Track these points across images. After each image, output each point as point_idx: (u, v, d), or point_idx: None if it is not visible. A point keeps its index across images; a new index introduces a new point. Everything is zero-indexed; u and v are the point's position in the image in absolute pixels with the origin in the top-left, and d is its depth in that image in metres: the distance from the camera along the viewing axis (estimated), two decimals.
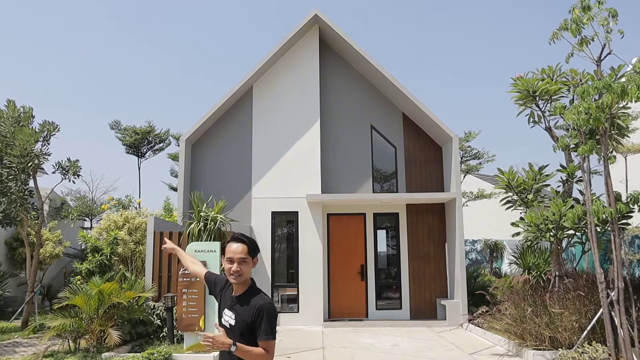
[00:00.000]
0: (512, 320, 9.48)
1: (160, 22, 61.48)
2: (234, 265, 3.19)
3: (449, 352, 9.76)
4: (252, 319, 3.12)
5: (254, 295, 3.24)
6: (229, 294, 3.33)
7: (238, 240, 3.28)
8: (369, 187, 14.38)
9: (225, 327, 3.20)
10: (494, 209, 19.22)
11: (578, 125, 8.51)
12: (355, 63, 14.78)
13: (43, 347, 9.34)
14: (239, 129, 14.46)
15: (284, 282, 13.66)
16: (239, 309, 3.19)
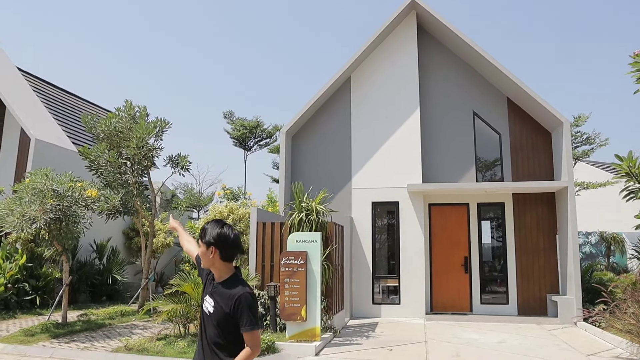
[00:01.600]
0: (636, 321, 8.69)
1: (264, 18, 63.04)
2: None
3: (563, 352, 9.14)
4: (230, 309, 3.04)
5: (234, 285, 3.13)
6: (211, 280, 3.27)
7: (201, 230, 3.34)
8: (472, 176, 13.81)
9: (205, 314, 3.17)
10: (609, 198, 17.84)
11: None
12: (456, 48, 14.21)
13: (156, 330, 9.89)
14: (338, 119, 14.44)
15: (384, 273, 13.50)
16: (218, 297, 3.12)
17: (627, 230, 16.67)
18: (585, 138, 21.44)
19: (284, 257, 9.54)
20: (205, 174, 43.94)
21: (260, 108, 59.74)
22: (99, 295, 15.49)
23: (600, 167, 24.16)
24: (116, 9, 57.77)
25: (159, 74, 61.43)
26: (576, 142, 21.46)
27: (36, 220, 9.73)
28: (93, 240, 16.10)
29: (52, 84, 20.03)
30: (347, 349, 9.25)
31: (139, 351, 8.55)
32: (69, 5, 56.50)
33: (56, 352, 8.79)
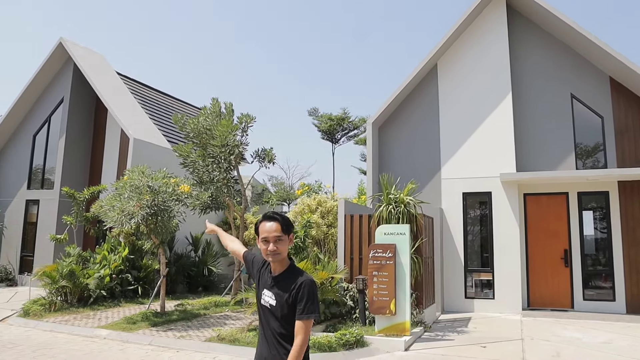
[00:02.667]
0: None
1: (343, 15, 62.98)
2: (269, 245, 3.07)
3: None
4: (293, 297, 3.01)
5: (294, 274, 3.11)
6: (267, 274, 3.18)
7: (270, 218, 3.14)
8: (571, 163, 12.92)
9: (265, 308, 3.11)
10: None
11: None
12: (549, 26, 13.32)
13: (247, 321, 10.11)
14: (425, 108, 14.04)
15: (477, 266, 12.99)
16: (280, 289, 3.07)
17: None
18: None
19: (372, 249, 9.39)
20: (295, 168, 44.75)
21: (348, 101, 59.81)
22: (195, 286, 16.14)
23: None
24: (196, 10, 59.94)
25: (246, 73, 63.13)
26: None
27: (134, 215, 10.24)
28: (189, 234, 16.79)
29: (148, 86, 21.09)
30: (438, 345, 8.96)
31: (230, 341, 8.76)
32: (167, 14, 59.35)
33: (155, 339, 9.22)
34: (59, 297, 12.20)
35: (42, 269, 12.40)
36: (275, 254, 3.08)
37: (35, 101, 18.64)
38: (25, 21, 63.93)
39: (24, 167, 18.40)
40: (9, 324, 10.89)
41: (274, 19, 65.41)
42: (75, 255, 13.01)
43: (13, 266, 17.56)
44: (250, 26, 64.76)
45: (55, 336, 9.67)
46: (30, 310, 11.43)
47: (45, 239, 15.93)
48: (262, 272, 3.24)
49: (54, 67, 18.19)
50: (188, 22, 62.97)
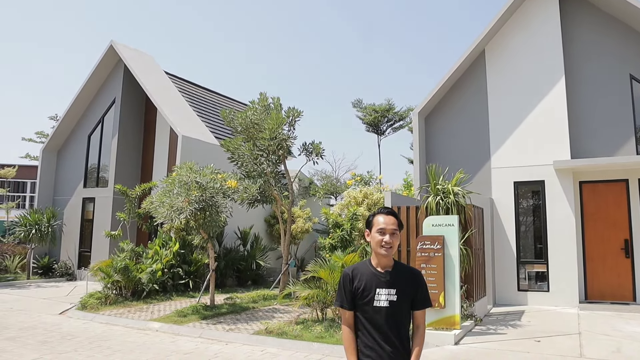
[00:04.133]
0: None
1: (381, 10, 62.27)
2: (386, 236, 3.09)
3: None
4: (414, 288, 3.14)
5: (404, 267, 3.24)
6: (370, 275, 3.13)
7: (388, 212, 3.19)
8: (632, 148, 12.25)
9: (380, 308, 3.06)
10: None
11: None
12: (604, 3, 12.64)
13: (295, 314, 10.11)
14: (473, 96, 13.64)
15: (531, 257, 12.53)
16: (398, 283, 3.11)
17: None
18: None
19: (420, 241, 9.19)
20: (341, 161, 44.70)
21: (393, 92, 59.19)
22: (244, 279, 16.33)
23: None
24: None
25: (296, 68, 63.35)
26: None
27: (183, 211, 10.41)
28: (237, 228, 17.00)
29: (195, 83, 21.45)
30: (489, 339, 8.69)
31: (278, 334, 8.78)
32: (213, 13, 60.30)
33: (204, 332, 9.35)
34: (114, 291, 12.57)
35: (97, 264, 12.82)
36: (390, 246, 3.10)
37: (89, 103, 19.31)
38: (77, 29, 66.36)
39: (80, 167, 19.11)
40: (69, 316, 11.31)
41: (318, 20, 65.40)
42: (129, 250, 13.37)
43: (72, 261, 18.28)
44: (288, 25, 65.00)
45: (110, 328, 9.97)
46: (87, 303, 11.83)
47: (101, 235, 16.48)
48: (361, 279, 3.14)
49: (106, 69, 18.78)
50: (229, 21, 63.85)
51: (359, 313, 3.12)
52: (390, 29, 66.20)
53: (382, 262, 3.14)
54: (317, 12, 66.89)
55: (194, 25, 66.42)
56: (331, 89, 61.90)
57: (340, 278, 3.22)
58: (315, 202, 19.22)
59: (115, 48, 17.99)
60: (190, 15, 65.15)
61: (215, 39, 65.40)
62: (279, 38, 66.15)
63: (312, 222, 18.45)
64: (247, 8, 66.15)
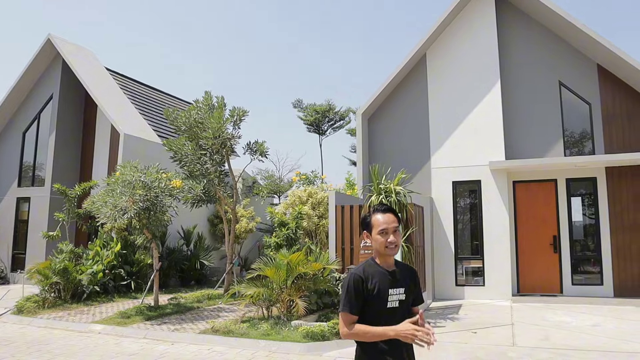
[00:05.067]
0: None
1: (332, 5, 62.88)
2: (389, 236, 2.97)
3: None
4: (414, 285, 3.11)
5: (403, 264, 3.18)
6: (380, 276, 2.97)
7: (386, 210, 3.06)
8: (560, 150, 13.05)
9: (392, 309, 2.94)
10: None
11: None
12: (537, 14, 13.41)
13: (241, 313, 10.19)
14: (414, 98, 14.12)
15: (468, 254, 13.13)
16: (403, 281, 3.04)
17: None
18: None
19: (363, 239, 9.47)
20: (285, 160, 44.87)
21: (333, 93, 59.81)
22: (187, 279, 16.20)
23: None
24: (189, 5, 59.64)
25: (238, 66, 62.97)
26: None
27: (127, 211, 10.27)
28: (180, 228, 16.83)
29: (137, 81, 21.02)
30: None
31: (224, 333, 8.84)
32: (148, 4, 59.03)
33: (149, 333, 9.28)
34: (52, 294, 12.22)
35: (34, 267, 12.39)
36: (394, 245, 2.98)
37: (25, 98, 18.56)
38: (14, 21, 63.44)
39: (14, 165, 18.35)
40: (3, 321, 10.90)
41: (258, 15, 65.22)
42: (68, 251, 13.01)
43: (5, 264, 17.54)
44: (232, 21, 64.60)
45: (50, 332, 9.71)
46: (23, 307, 11.44)
47: (37, 236, 15.92)
48: (371, 282, 2.95)
49: (43, 63, 18.11)
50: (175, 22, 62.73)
51: (370, 319, 2.90)
52: (334, 29, 66.87)
53: (387, 261, 3.03)
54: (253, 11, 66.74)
55: (133, 23, 64.84)
56: (274, 89, 61.90)
57: (349, 281, 2.95)
58: (258, 201, 19.32)
59: (53, 42, 17.38)
60: (130, 13, 63.56)
61: (154, 38, 64.12)
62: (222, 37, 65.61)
63: (255, 221, 18.51)
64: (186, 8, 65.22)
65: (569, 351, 7.60)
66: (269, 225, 17.69)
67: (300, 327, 8.61)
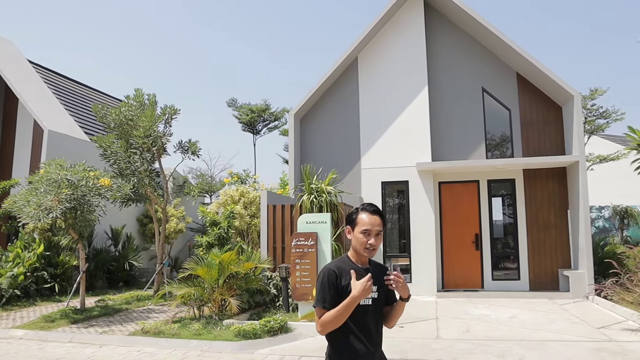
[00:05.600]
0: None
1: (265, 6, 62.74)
2: (371, 238, 2.95)
3: (574, 326, 9.18)
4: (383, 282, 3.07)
5: (376, 262, 3.17)
6: (356, 274, 2.93)
7: (374, 211, 3.01)
8: (482, 153, 13.77)
9: (364, 306, 2.95)
10: (624, 172, 17.66)
11: None
12: (463, 24, 14.08)
13: (172, 313, 10.11)
14: (346, 100, 14.44)
15: (396, 252, 13.60)
16: (376, 280, 2.99)
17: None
18: (602, 112, 21.16)
19: (295, 238, 9.65)
20: (217, 159, 44.33)
21: (269, 92, 59.78)
22: (115, 281, 15.79)
23: (614, 141, 23.87)
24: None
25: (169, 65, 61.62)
26: (592, 115, 21.22)
27: (52, 210, 9.92)
28: (109, 227, 16.38)
29: (63, 75, 20.23)
30: None
31: (155, 334, 8.76)
32: None
33: (75, 336, 9.03)
34: None
35: None
36: (373, 248, 2.97)
37: None
38: None
39: None
40: None
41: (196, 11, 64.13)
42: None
43: None
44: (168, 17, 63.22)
45: None
46: None
47: None
48: (347, 275, 2.94)
49: None
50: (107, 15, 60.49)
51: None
52: (268, 30, 66.71)
53: (361, 259, 3.03)
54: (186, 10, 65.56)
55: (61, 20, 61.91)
56: (209, 88, 61.05)
57: (324, 276, 2.95)
58: (189, 201, 19.10)
59: None
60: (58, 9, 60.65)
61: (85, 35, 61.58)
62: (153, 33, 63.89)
63: (186, 221, 18.29)
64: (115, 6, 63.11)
65: (488, 341, 8.11)
66: (201, 224, 17.52)
67: (232, 326, 8.67)
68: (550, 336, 8.44)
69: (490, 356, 7.29)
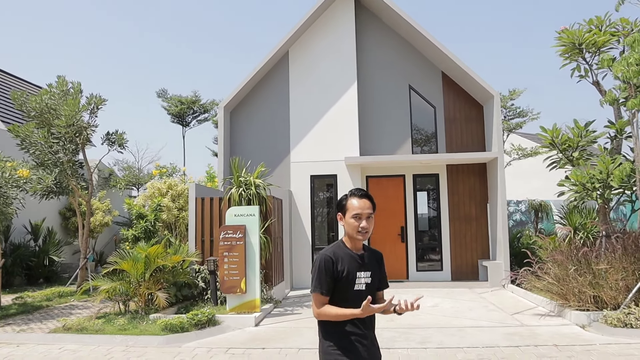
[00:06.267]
0: (554, 280, 9.34)
1: None
2: (362, 222, 3.04)
3: (490, 313, 9.74)
4: (380, 269, 3.22)
5: (370, 249, 3.28)
6: (349, 259, 3.07)
7: (362, 195, 3.10)
8: (408, 148, 14.23)
9: (359, 291, 3.04)
10: (539, 168, 18.75)
11: (628, 77, 8.15)
12: (392, 22, 14.45)
13: (96, 309, 9.85)
14: (276, 94, 14.47)
15: (324, 244, 13.81)
16: (372, 265, 3.15)
17: (554, 197, 17.65)
18: (519, 111, 22.36)
19: (223, 231, 9.64)
20: (145, 151, 43.24)
21: (199, 84, 58.76)
22: (35, 277, 15.11)
23: (532, 139, 25.25)
24: None
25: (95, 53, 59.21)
26: (511, 114, 22.36)
27: None
28: (28, 221, 15.62)
29: None
30: (286, 319, 9.52)
31: (77, 330, 8.50)
32: None
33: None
34: None
35: None
36: (366, 231, 3.05)
37: None
38: None
39: None
40: None
41: None
42: None
43: None
44: None
45: None
46: None
47: None
48: (341, 263, 3.04)
49: None
50: None
51: (337, 300, 3.01)
52: (197, 22, 65.45)
53: (356, 245, 3.12)
54: None
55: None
56: (136, 79, 59.14)
57: (320, 262, 3.02)
58: (116, 193, 18.56)
59: None
60: None
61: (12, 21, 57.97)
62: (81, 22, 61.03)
63: (112, 214, 17.75)
64: None
65: (412, 329, 8.46)
66: (127, 218, 17.06)
67: (158, 320, 8.57)
68: (468, 323, 8.92)
69: (413, 343, 7.64)
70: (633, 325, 7.73)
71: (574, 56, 10.26)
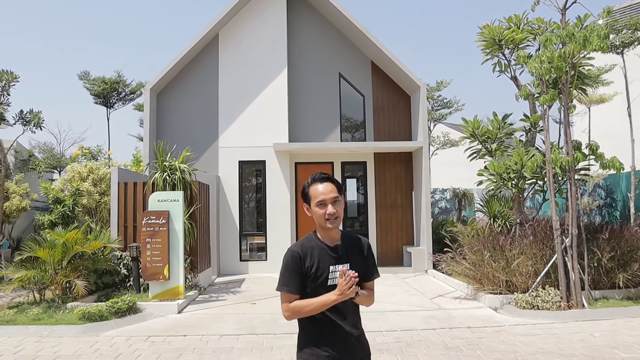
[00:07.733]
0: (471, 265, 9.75)
1: None
2: (328, 207, 2.69)
3: (411, 298, 10.05)
4: (365, 259, 2.85)
5: (351, 237, 2.89)
6: (320, 252, 2.75)
7: (323, 179, 2.76)
8: (337, 135, 14.35)
9: (333, 287, 2.72)
10: (464, 157, 19.45)
11: (540, 74, 8.55)
12: (324, 10, 14.45)
13: (8, 299, 9.32)
14: (205, 77, 14.16)
15: (252, 230, 13.76)
16: (351, 256, 2.80)
17: (476, 187, 18.40)
18: (446, 102, 23.01)
19: (145, 217, 9.37)
20: (67, 133, 41.20)
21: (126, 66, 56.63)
22: None
23: (457, 129, 26.10)
24: None
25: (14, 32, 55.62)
26: (437, 105, 22.98)
27: None
28: None
29: None
30: (211, 305, 9.42)
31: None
32: None
33: None
34: None
35: None
36: (335, 217, 2.70)
37: None
38: None
39: None
40: None
41: None
42: None
43: None
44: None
45: None
46: None
47: None
48: (314, 254, 2.74)
49: None
50: None
51: (310, 296, 2.70)
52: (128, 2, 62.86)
53: (329, 235, 2.77)
54: None
55: None
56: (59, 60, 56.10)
57: (287, 258, 2.75)
58: (35, 177, 17.63)
59: None
60: None
61: None
62: None
63: (30, 199, 16.84)
64: None
65: None
66: (47, 203, 16.25)
67: (76, 309, 8.24)
68: (389, 307, 9.16)
69: None
70: (539, 307, 8.24)
71: (495, 52, 10.66)
